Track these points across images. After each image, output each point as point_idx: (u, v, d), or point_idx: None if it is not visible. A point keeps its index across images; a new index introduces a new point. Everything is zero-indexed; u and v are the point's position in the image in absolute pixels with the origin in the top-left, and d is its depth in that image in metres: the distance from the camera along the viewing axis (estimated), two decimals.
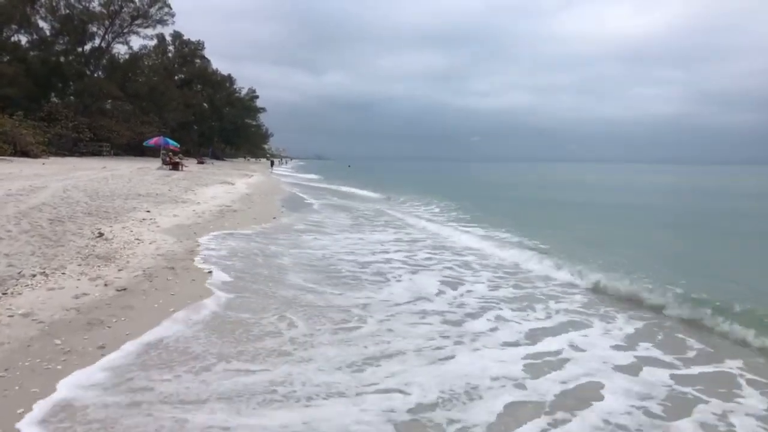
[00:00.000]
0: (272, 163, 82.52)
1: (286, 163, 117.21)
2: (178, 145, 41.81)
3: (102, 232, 9.20)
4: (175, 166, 33.18)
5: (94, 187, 17.14)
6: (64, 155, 45.09)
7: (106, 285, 5.98)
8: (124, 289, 5.90)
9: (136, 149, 55.29)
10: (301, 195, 25.87)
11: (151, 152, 50.38)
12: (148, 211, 12.96)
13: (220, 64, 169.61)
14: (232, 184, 26.60)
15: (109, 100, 60.14)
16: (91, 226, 9.84)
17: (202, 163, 56.40)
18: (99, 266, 6.77)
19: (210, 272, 7.05)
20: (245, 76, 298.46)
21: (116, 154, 55.99)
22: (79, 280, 6.09)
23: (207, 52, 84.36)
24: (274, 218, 14.32)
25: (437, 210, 20.30)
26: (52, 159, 38.99)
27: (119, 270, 6.70)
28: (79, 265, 6.72)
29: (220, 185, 24.66)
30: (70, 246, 7.65)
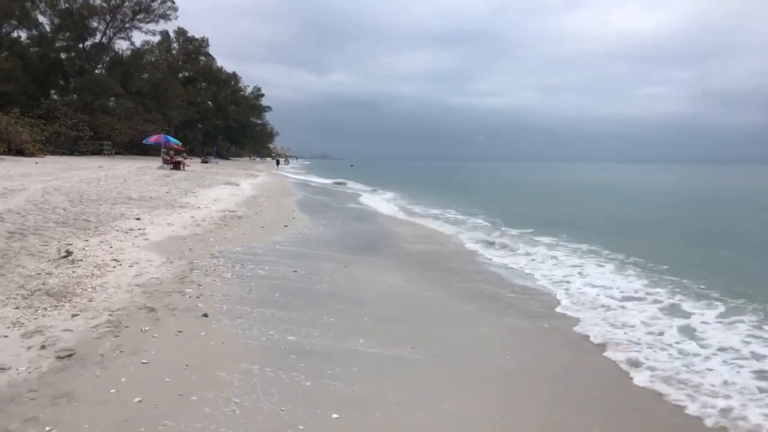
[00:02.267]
0: (278, 162, 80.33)
1: (288, 162, 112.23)
2: (180, 143, 39.82)
3: (70, 249, 7.16)
4: (177, 166, 31.19)
5: (81, 189, 15.13)
6: (62, 154, 43.28)
7: (43, 347, 3.92)
8: (71, 355, 3.84)
9: (138, 148, 53.51)
10: (318, 197, 23.83)
11: (155, 151, 48.52)
12: (138, 219, 10.93)
13: (224, 63, 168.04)
14: (237, 185, 24.60)
15: (112, 98, 58.29)
16: (60, 241, 7.81)
17: (206, 162, 54.46)
18: (46, 309, 4.71)
19: (205, 315, 4.99)
20: (249, 75, 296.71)
21: (118, 153, 54.17)
22: (6, 336, 4.04)
23: (211, 52, 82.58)
24: (286, 226, 12.26)
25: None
26: (49, 158, 37.11)
27: (74, 315, 4.64)
28: (17, 307, 4.67)
29: (223, 186, 22.65)
30: (15, 274, 5.60)
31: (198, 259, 7.50)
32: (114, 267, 6.51)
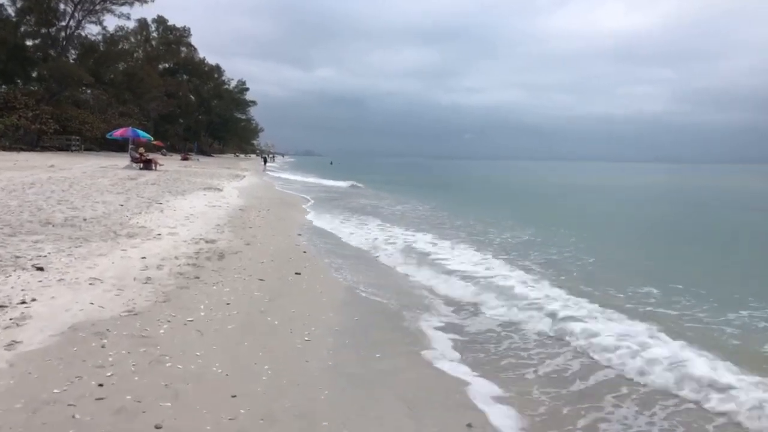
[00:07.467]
0: (265, 160, 74.12)
1: (273, 159, 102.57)
2: (152, 138, 34.55)
3: None
4: (147, 165, 26.12)
5: None
6: (20, 150, 37.86)
7: None
8: None
9: (112, 144, 48.17)
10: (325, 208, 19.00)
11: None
12: (40, 269, 6.09)
13: (207, 58, 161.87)
14: (220, 190, 19.69)
15: (88, 90, 52.76)
16: None
17: (186, 159, 49.23)
18: None
19: None
20: (234, 70, 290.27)
21: (88, 149, 48.74)
22: None
23: (195, 47, 77.35)
24: (298, 274, 7.48)
25: None
26: (0, 154, 31.83)
27: None
28: None
29: (202, 193, 17.73)
30: None
31: None
32: None
